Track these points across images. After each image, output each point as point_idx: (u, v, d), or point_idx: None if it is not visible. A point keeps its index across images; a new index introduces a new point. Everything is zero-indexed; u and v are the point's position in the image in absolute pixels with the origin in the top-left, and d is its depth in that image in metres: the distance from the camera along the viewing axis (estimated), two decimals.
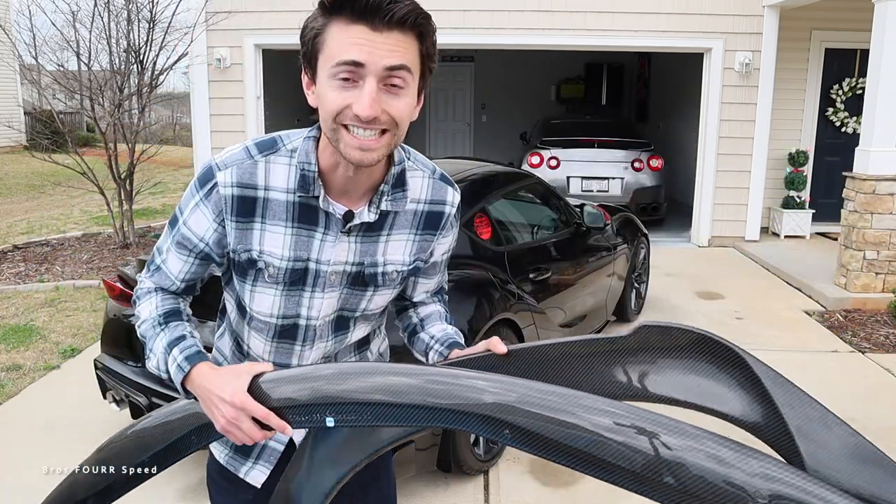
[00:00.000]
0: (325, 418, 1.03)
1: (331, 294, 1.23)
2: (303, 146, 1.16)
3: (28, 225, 8.79)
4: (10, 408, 3.72)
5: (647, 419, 0.85)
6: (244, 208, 1.15)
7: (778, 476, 0.81)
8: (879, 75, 5.48)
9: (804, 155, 7.99)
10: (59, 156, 7.48)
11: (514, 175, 3.99)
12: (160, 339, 1.19)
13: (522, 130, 11.54)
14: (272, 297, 1.22)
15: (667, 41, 7.80)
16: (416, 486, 2.94)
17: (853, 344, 4.78)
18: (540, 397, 0.91)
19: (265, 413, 1.06)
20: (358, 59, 1.01)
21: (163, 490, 2.91)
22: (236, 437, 1.09)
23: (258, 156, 1.15)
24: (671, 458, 0.83)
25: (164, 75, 6.93)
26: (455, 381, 0.98)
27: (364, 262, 1.22)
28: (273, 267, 1.18)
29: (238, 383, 1.07)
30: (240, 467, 1.36)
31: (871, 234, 5.57)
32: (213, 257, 1.22)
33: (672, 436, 0.84)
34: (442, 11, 7.65)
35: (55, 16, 10.26)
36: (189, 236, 1.19)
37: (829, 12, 7.73)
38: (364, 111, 1.01)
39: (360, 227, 1.19)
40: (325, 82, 1.05)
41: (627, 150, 8.54)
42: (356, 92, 1.02)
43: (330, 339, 1.30)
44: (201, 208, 1.17)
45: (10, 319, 5.05)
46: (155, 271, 1.25)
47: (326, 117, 1.06)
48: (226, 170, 1.14)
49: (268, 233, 1.17)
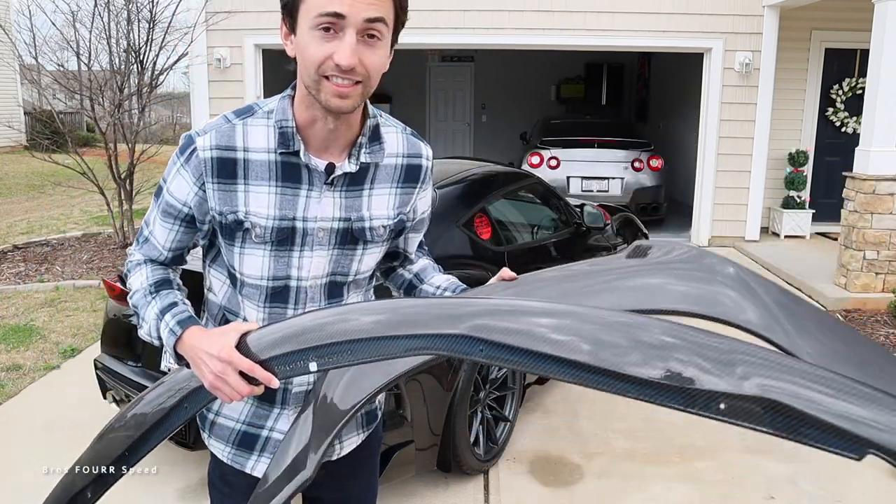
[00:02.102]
0: (308, 364, 1.08)
1: (320, 252, 1.26)
2: (279, 105, 1.21)
3: (28, 225, 8.80)
4: (10, 408, 3.72)
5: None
6: (225, 170, 1.19)
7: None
8: (879, 75, 5.48)
9: (804, 155, 7.99)
10: (59, 156, 7.48)
11: (514, 175, 3.99)
12: (151, 306, 1.23)
13: (522, 130, 11.54)
14: (261, 259, 1.24)
15: (667, 41, 7.81)
16: (416, 486, 2.94)
17: None
18: (502, 312, 0.97)
19: (250, 365, 1.10)
20: (339, 11, 1.06)
21: (163, 490, 2.91)
22: (224, 392, 1.12)
23: (235, 119, 1.20)
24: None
25: (164, 75, 6.93)
26: (427, 308, 1.05)
27: (351, 218, 1.26)
28: (259, 227, 1.21)
29: (225, 339, 1.12)
30: (246, 462, 1.36)
31: (871, 234, 5.57)
32: (195, 224, 1.25)
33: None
34: (442, 11, 7.66)
35: (55, 16, 10.26)
36: (172, 202, 1.23)
37: (829, 12, 7.73)
38: (345, 60, 1.07)
39: (342, 179, 1.23)
40: (307, 32, 1.10)
41: (627, 150, 8.54)
42: (336, 42, 1.08)
43: (323, 304, 1.32)
44: (181, 173, 1.20)
45: (10, 319, 5.05)
46: (143, 243, 1.29)
47: (309, 67, 1.11)
48: (204, 135, 1.19)
49: (252, 193, 1.20)
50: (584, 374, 0.89)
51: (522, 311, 0.98)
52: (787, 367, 0.82)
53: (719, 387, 0.81)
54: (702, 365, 0.82)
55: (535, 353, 0.91)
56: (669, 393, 0.83)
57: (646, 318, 0.92)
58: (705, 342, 0.84)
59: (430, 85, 14.18)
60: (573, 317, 0.94)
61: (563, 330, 0.92)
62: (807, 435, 0.83)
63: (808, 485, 3.03)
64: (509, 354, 0.93)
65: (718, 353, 0.83)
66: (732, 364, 0.82)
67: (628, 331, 0.90)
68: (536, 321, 0.94)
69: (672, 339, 0.86)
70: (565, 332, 0.92)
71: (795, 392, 0.81)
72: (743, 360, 0.82)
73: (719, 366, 0.82)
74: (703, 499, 2.92)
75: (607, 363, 0.87)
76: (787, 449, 3.33)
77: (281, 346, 1.11)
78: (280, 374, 1.12)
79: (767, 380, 0.81)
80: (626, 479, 3.07)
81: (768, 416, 0.82)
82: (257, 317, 1.29)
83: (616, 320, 0.91)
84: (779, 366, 0.82)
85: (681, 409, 0.83)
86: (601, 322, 0.91)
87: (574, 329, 0.91)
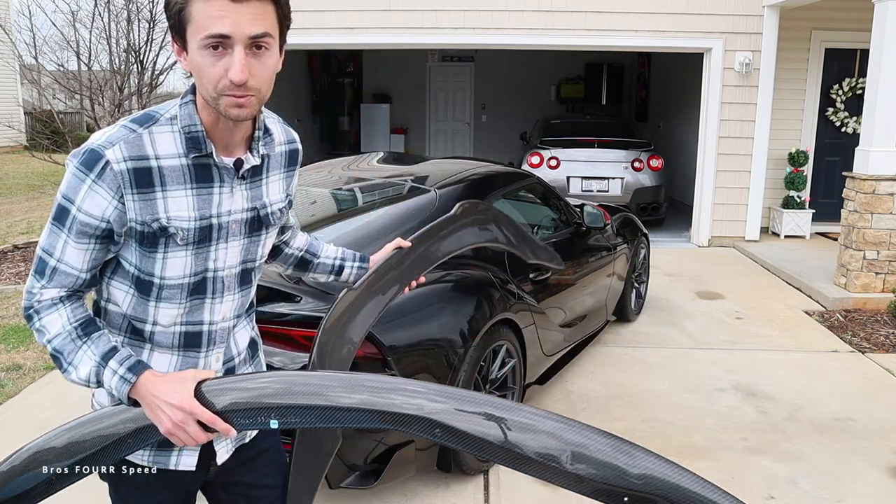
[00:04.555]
0: (269, 421, 1.14)
1: (234, 243, 1.33)
2: (183, 112, 1.24)
3: (28, 225, 8.80)
4: (10, 408, 3.72)
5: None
6: (142, 180, 1.20)
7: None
8: (879, 75, 5.48)
9: (804, 155, 7.99)
10: (59, 156, 7.47)
11: (514, 175, 3.98)
12: (84, 351, 1.22)
13: (522, 130, 11.54)
14: (184, 259, 1.27)
15: (667, 41, 7.80)
16: (416, 486, 2.94)
17: (853, 344, 4.78)
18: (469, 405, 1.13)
19: (212, 417, 1.15)
20: (224, 32, 1.11)
21: None
22: (180, 439, 1.17)
23: (140, 129, 1.21)
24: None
25: (164, 75, 6.94)
26: (396, 386, 1.16)
27: (256, 206, 1.34)
28: (183, 230, 1.24)
29: (184, 389, 1.16)
30: (168, 461, 1.38)
31: (871, 234, 5.57)
32: (112, 237, 1.23)
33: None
34: (442, 11, 7.66)
35: (55, 16, 10.25)
36: (88, 221, 1.19)
37: (829, 12, 7.73)
38: (237, 76, 1.13)
39: (249, 172, 1.31)
40: (197, 52, 1.14)
41: (627, 150, 8.54)
42: (227, 59, 1.13)
43: (237, 292, 1.38)
44: (95, 189, 1.17)
45: (10, 319, 5.05)
46: (52, 274, 1.23)
47: (207, 86, 1.16)
48: (112, 147, 1.18)
49: (171, 199, 1.22)
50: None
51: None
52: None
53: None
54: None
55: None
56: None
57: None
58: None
59: (430, 85, 14.17)
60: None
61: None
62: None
63: (808, 485, 3.03)
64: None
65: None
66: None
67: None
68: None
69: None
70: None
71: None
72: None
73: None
74: None
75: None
76: (787, 449, 3.33)
77: (242, 400, 1.15)
78: (238, 427, 1.15)
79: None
80: None
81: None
82: (176, 314, 1.31)
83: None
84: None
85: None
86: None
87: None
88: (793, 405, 3.79)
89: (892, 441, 3.41)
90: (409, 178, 3.64)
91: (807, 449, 3.32)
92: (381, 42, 8.00)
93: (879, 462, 3.21)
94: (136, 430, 1.21)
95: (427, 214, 3.14)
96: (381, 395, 1.12)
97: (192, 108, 1.23)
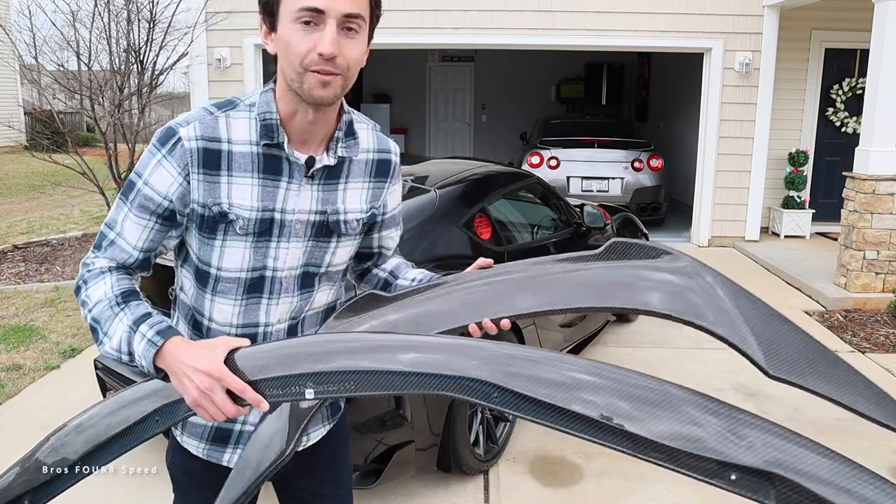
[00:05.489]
0: (305, 391, 1.02)
1: (296, 244, 1.27)
2: (261, 99, 1.23)
3: (28, 225, 8.80)
4: (10, 408, 3.72)
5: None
6: (210, 161, 1.19)
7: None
8: (879, 75, 5.48)
9: (804, 155, 7.99)
10: (59, 156, 7.47)
11: (514, 175, 3.98)
12: (121, 318, 1.15)
13: (522, 130, 11.54)
14: (242, 250, 1.24)
15: (667, 41, 7.80)
16: (416, 486, 2.94)
17: (853, 344, 4.78)
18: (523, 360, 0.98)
19: (242, 386, 1.05)
20: (318, 6, 1.10)
21: (162, 490, 2.90)
22: (207, 410, 1.07)
23: (218, 112, 1.21)
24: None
25: (164, 75, 6.92)
26: (447, 345, 1.01)
27: (326, 211, 1.28)
28: (243, 219, 1.21)
29: (214, 354, 1.07)
30: (222, 456, 1.38)
31: (871, 234, 5.57)
32: (175, 218, 1.22)
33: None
34: (442, 11, 7.66)
35: (55, 16, 10.25)
36: (152, 195, 1.19)
37: (829, 12, 7.73)
38: (327, 48, 1.10)
39: (321, 173, 1.26)
40: (288, 27, 1.13)
41: (627, 150, 8.54)
42: (318, 34, 1.11)
43: (296, 294, 1.32)
44: (164, 164, 1.18)
45: (10, 319, 5.05)
46: (108, 247, 1.22)
47: (293, 60, 1.13)
48: (188, 126, 1.18)
49: (235, 185, 1.20)
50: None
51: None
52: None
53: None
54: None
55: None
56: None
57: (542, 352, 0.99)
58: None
59: (430, 85, 14.18)
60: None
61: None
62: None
63: None
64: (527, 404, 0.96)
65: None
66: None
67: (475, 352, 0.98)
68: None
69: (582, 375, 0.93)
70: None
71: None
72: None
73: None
74: (702, 499, 2.92)
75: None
76: None
77: (276, 367, 1.04)
78: (270, 398, 1.05)
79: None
80: (626, 479, 3.07)
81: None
82: (231, 312, 1.29)
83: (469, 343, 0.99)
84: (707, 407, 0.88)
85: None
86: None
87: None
88: (792, 405, 3.79)
89: (892, 441, 3.40)
90: (408, 178, 3.64)
91: None
92: (380, 42, 7.90)
93: (879, 462, 3.21)
94: (162, 406, 1.15)
95: (427, 214, 3.14)
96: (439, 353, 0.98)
97: (270, 96, 1.22)
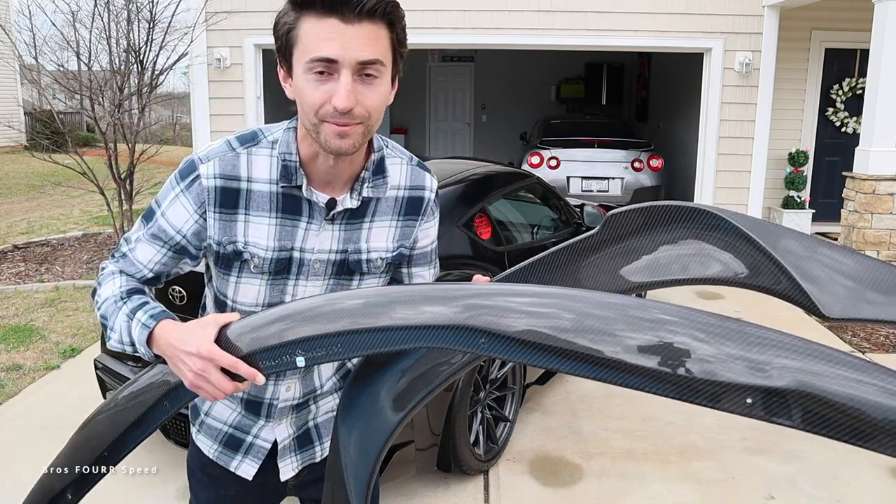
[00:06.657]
0: (295, 358, 1.02)
1: (315, 282, 1.24)
2: (283, 137, 1.18)
3: (28, 225, 8.80)
4: (10, 408, 3.72)
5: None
6: (228, 200, 1.16)
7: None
8: (879, 75, 5.48)
9: (804, 155, 7.99)
10: (59, 156, 7.47)
11: (514, 175, 3.99)
12: (122, 311, 1.16)
13: (522, 130, 11.54)
14: (257, 287, 1.23)
15: (667, 41, 7.81)
16: (416, 486, 2.94)
17: (853, 344, 4.78)
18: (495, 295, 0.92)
19: (233, 361, 1.04)
20: (331, 56, 1.03)
21: (163, 490, 2.91)
22: (206, 391, 1.06)
23: (240, 148, 1.17)
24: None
25: (164, 75, 6.92)
26: (430, 295, 0.96)
27: (348, 250, 1.23)
28: (258, 258, 1.19)
29: (203, 334, 1.06)
30: (230, 461, 1.38)
31: (871, 234, 5.57)
32: (188, 251, 1.21)
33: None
34: (442, 11, 7.66)
35: (55, 16, 10.25)
36: (166, 228, 1.19)
37: (829, 12, 7.74)
38: (341, 103, 1.04)
39: (343, 214, 1.21)
40: (302, 76, 1.07)
41: (627, 150, 8.54)
42: (333, 84, 1.05)
43: None
44: (181, 199, 1.17)
45: (10, 319, 5.05)
46: (121, 258, 1.24)
47: (308, 112, 1.08)
48: (208, 162, 1.16)
49: (252, 224, 1.18)
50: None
51: (517, 293, 0.93)
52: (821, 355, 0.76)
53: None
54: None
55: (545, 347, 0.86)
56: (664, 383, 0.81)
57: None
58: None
59: (430, 85, 14.17)
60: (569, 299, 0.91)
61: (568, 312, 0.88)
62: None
63: (808, 485, 3.03)
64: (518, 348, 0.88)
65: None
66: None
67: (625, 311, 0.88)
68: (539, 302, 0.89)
69: (666, 316, 0.82)
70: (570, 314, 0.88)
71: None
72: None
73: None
74: (702, 499, 2.92)
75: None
76: (787, 449, 3.33)
77: (265, 339, 1.04)
78: (265, 370, 1.05)
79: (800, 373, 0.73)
80: (625, 479, 3.07)
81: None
82: None
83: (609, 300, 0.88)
84: (813, 353, 0.76)
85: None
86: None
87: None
88: None
89: None
90: None
91: (807, 449, 3.32)
92: None
93: (879, 462, 3.21)
94: (169, 390, 1.17)
95: None
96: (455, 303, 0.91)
97: (291, 136, 1.17)
